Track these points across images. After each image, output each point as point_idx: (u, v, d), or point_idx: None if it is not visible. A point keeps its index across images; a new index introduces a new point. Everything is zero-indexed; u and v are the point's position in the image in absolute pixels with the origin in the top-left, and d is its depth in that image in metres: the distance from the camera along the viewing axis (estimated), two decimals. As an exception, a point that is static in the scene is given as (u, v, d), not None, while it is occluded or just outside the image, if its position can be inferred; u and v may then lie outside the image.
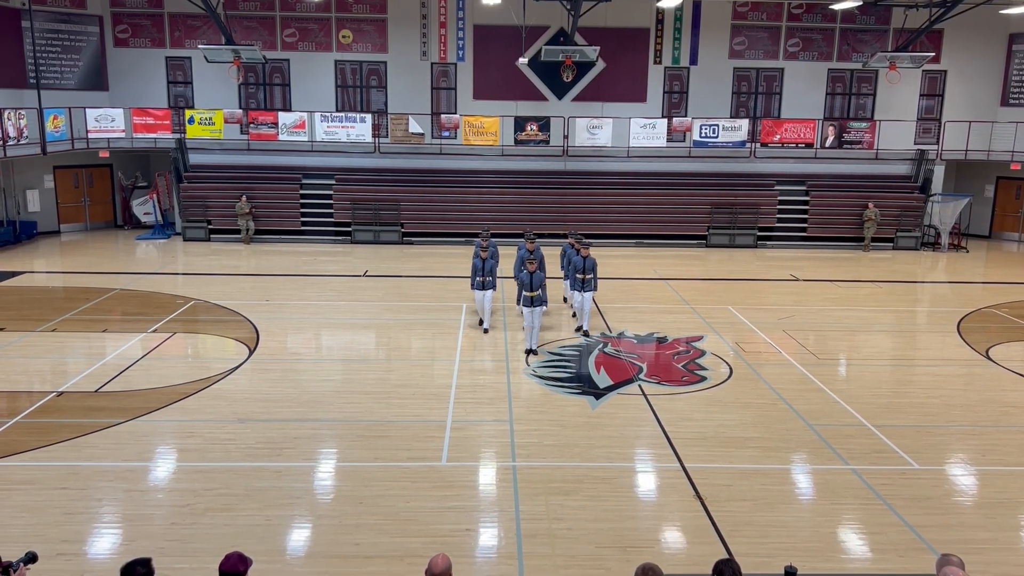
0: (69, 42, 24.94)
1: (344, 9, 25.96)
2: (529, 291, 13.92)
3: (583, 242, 15.27)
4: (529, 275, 13.96)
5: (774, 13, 26.40)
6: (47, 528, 7.97)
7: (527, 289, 13.97)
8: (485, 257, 14.93)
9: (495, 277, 15.16)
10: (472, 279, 15.11)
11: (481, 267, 14.89)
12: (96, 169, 26.04)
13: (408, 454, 9.79)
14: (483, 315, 15.11)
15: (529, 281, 13.95)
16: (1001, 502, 8.85)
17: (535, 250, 15.29)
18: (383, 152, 25.57)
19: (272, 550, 7.67)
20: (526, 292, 13.99)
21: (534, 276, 13.93)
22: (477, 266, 14.96)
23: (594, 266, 14.91)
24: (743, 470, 9.51)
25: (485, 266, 14.88)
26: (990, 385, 12.67)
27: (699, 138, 25.42)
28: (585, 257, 14.81)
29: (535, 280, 13.94)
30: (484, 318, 15.09)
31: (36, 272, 20.11)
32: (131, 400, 11.40)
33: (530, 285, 13.92)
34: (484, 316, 15.09)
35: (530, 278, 13.94)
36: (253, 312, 16.14)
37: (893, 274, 21.34)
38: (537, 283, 13.93)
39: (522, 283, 14.19)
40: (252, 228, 24.09)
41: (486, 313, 15.06)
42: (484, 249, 15.14)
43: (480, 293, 15.01)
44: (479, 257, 14.97)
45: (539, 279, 13.98)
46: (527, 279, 13.99)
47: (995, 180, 26.98)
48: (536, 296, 13.88)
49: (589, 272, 14.86)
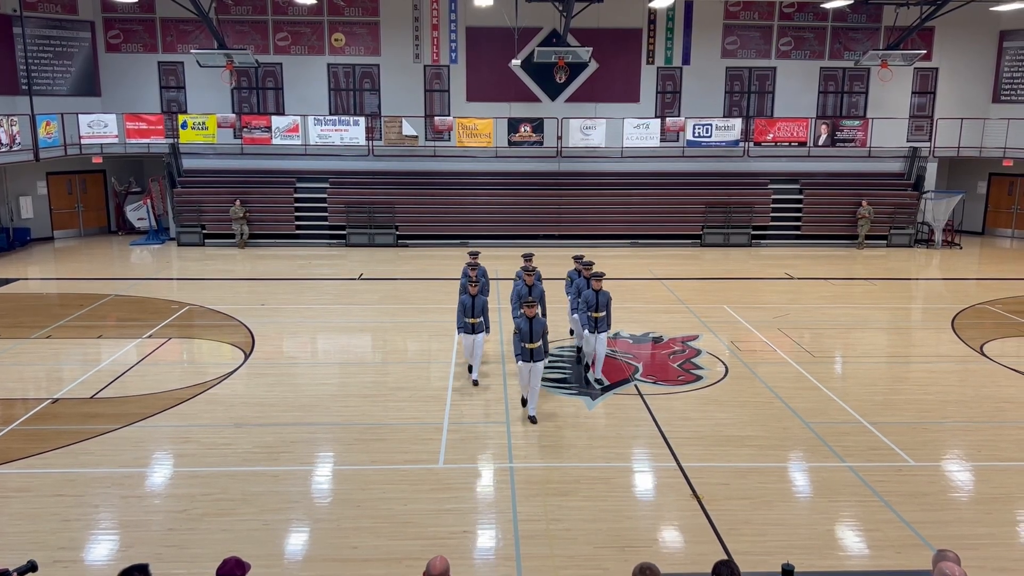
0: (61, 48, 24.88)
1: (336, 12, 25.95)
2: (528, 341, 10.89)
3: (596, 273, 12.65)
4: (528, 321, 10.92)
5: (766, 12, 26.47)
6: (44, 535, 7.94)
7: (525, 339, 10.91)
8: (475, 292, 12.39)
9: (487, 316, 12.71)
10: (459, 319, 12.58)
11: (471, 305, 12.32)
12: (89, 175, 25.99)
13: (405, 457, 9.79)
14: (473, 362, 12.59)
15: (528, 329, 10.91)
16: (997, 497, 8.88)
17: (535, 285, 12.86)
18: (377, 155, 25.57)
19: (270, 554, 7.66)
20: (524, 343, 10.92)
21: (534, 323, 10.91)
22: (466, 304, 12.34)
23: (609, 301, 12.50)
24: (740, 469, 9.52)
25: (475, 304, 12.32)
26: (985, 381, 12.71)
27: (692, 138, 25.47)
28: (599, 291, 12.34)
29: (535, 328, 10.93)
30: (474, 364, 12.58)
31: (30, 279, 20.05)
32: (127, 406, 11.37)
33: (529, 334, 10.91)
34: (474, 363, 12.58)
35: (529, 325, 10.91)
36: (248, 316, 16.12)
37: (887, 271, 21.40)
38: (538, 332, 10.94)
39: (519, 330, 11.00)
40: (247, 232, 24.06)
41: (476, 359, 12.56)
42: (474, 282, 12.52)
43: (469, 338, 12.47)
44: (467, 292, 12.48)
45: (540, 327, 10.99)
46: (525, 326, 10.94)
47: (987, 177, 27.09)
48: (537, 349, 10.92)
49: (603, 309, 12.37)
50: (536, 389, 11.03)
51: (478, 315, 12.32)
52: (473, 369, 12.54)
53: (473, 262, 13.72)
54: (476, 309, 12.31)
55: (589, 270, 13.17)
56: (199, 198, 24.56)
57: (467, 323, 12.37)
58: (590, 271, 13.09)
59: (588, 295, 12.38)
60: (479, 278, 12.91)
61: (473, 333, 12.39)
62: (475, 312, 12.29)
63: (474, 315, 12.30)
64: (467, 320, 12.35)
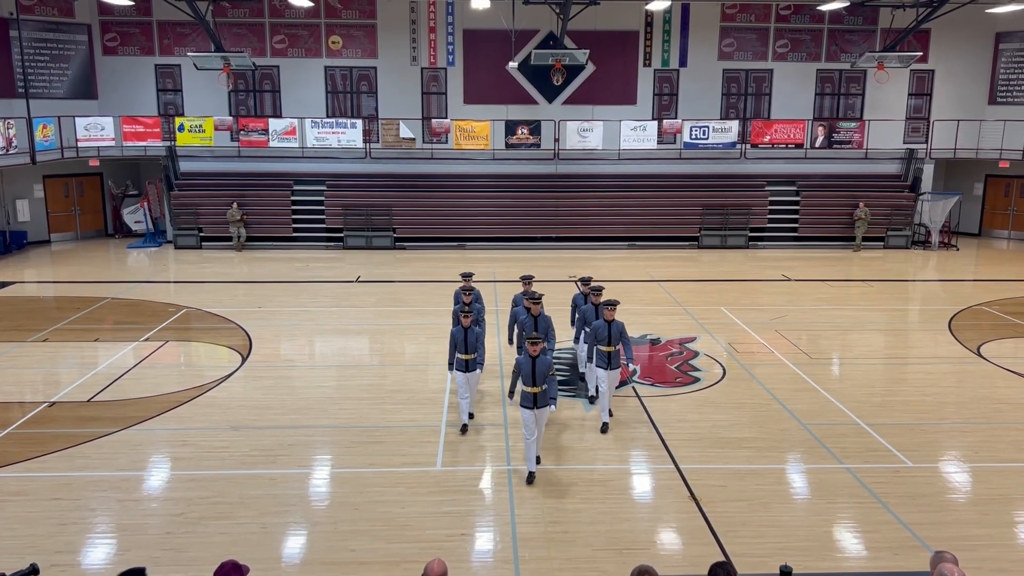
0: (58, 51, 24.86)
1: (333, 15, 25.96)
2: (530, 384, 9.15)
3: (609, 301, 10.69)
4: (531, 360, 9.17)
5: (762, 14, 26.51)
6: (41, 539, 7.92)
7: (527, 382, 9.15)
8: (469, 324, 10.45)
9: (483, 350, 10.66)
10: (451, 355, 10.61)
11: (463, 339, 10.44)
12: (86, 178, 25.96)
13: (403, 459, 9.78)
14: (465, 403, 10.67)
15: (531, 369, 9.15)
16: (994, 498, 8.89)
17: (540, 314, 11.14)
18: (374, 157, 25.57)
19: (267, 558, 7.65)
20: (525, 387, 9.19)
21: (537, 362, 9.16)
22: (457, 338, 10.46)
23: (623, 332, 10.64)
24: (738, 470, 9.53)
25: (469, 337, 10.44)
26: (982, 382, 12.73)
27: (689, 140, 25.50)
28: (610, 321, 10.54)
29: (539, 368, 9.13)
30: (465, 408, 10.68)
31: (27, 282, 20.01)
32: (124, 409, 11.35)
33: (531, 376, 9.12)
34: (466, 405, 10.67)
35: (531, 365, 9.16)
36: (246, 319, 16.10)
37: (884, 273, 21.43)
38: (542, 372, 9.14)
39: (519, 370, 9.31)
40: (244, 235, 24.04)
41: (469, 401, 10.72)
42: (467, 313, 10.47)
43: (463, 376, 10.56)
44: (459, 324, 10.56)
45: (544, 366, 9.16)
46: (527, 365, 9.17)
47: (984, 178, 27.14)
48: (540, 393, 9.15)
49: (616, 342, 10.57)
50: (539, 438, 9.40)
51: (472, 350, 10.46)
52: (463, 409, 10.70)
53: (467, 285, 12.05)
54: (470, 343, 10.48)
55: (599, 296, 11.48)
56: (196, 201, 24.54)
57: (460, 360, 10.51)
58: (600, 297, 11.44)
59: (598, 326, 10.63)
60: (474, 304, 11.50)
61: (467, 371, 10.54)
62: (469, 347, 10.46)
63: (467, 350, 10.45)
64: (460, 356, 10.50)
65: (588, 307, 11.67)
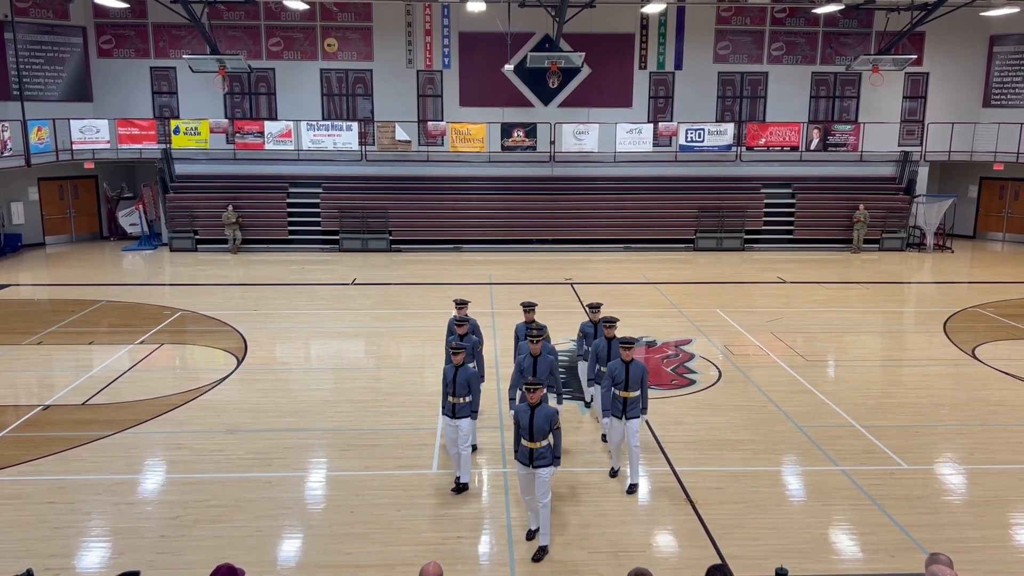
0: (53, 53, 24.82)
1: (329, 17, 25.95)
2: (528, 438, 7.64)
3: (626, 340, 8.97)
4: (529, 410, 7.63)
5: (758, 17, 26.57)
6: (35, 543, 7.89)
7: (524, 435, 7.66)
8: (460, 361, 8.77)
9: (478, 394, 8.96)
10: (443, 398, 8.92)
11: (452, 379, 8.73)
12: (81, 180, 25.90)
13: (398, 462, 9.77)
14: (457, 461, 8.93)
15: (528, 423, 7.62)
16: (990, 500, 8.91)
17: (542, 354, 9.23)
18: (370, 160, 25.55)
19: (263, 561, 7.63)
20: (524, 441, 7.68)
21: (536, 414, 7.60)
22: (447, 378, 8.81)
23: (644, 376, 8.97)
24: (734, 473, 9.53)
25: (458, 378, 8.71)
26: (977, 384, 12.75)
27: (685, 142, 25.53)
28: (629, 362, 8.83)
29: (538, 421, 7.58)
30: (458, 467, 8.96)
31: (21, 285, 19.97)
32: (119, 412, 11.32)
33: (529, 429, 7.62)
34: (458, 464, 8.94)
35: (530, 416, 7.62)
36: (241, 322, 16.07)
37: (879, 275, 21.47)
38: (542, 426, 7.59)
39: (517, 421, 7.76)
40: (239, 238, 24.01)
41: (463, 460, 8.88)
42: (457, 350, 8.79)
43: (452, 424, 8.83)
44: (450, 362, 8.83)
45: (545, 420, 7.60)
46: (524, 418, 7.66)
47: (978, 180, 27.23)
48: (541, 448, 7.62)
49: (635, 387, 8.86)
50: (545, 507, 7.71)
51: (461, 393, 8.72)
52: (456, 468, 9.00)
53: (461, 315, 10.41)
54: (459, 385, 8.71)
55: (612, 329, 9.78)
56: (191, 203, 24.50)
57: (449, 403, 8.81)
58: (613, 330, 9.77)
59: (614, 367, 8.89)
60: (469, 337, 9.96)
61: (455, 417, 8.77)
62: (457, 389, 8.71)
63: (456, 393, 8.72)
64: (450, 399, 8.78)
65: (601, 342, 9.89)
